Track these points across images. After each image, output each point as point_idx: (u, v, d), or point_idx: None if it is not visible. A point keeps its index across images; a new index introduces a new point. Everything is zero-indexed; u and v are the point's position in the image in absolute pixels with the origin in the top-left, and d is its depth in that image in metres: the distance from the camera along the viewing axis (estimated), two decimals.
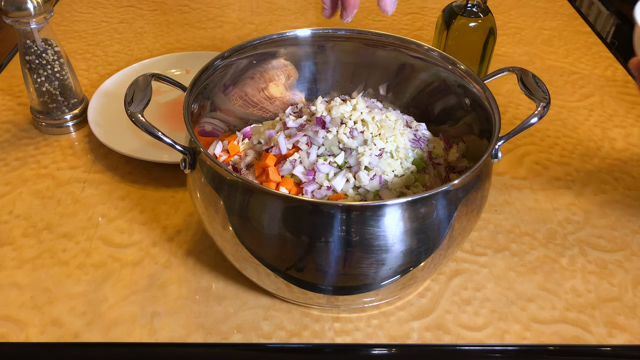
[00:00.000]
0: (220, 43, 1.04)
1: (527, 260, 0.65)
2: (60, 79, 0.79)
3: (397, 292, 0.57)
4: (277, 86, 0.72)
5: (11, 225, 0.67)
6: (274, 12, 1.15)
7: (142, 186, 0.73)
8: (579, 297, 0.62)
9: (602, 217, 0.71)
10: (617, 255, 0.67)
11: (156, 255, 0.64)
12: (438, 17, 0.86)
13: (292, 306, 0.60)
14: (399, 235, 0.48)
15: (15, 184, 0.73)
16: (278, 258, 0.52)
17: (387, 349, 0.57)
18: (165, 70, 0.92)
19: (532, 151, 0.81)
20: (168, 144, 0.52)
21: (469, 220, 0.54)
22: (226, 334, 0.57)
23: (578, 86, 0.95)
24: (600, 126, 0.87)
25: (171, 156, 0.73)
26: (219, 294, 0.60)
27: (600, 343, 0.57)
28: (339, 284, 0.53)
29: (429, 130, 0.67)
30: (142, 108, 0.53)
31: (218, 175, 0.51)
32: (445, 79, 0.65)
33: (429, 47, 0.65)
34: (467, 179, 0.50)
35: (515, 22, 1.13)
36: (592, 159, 0.80)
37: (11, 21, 0.72)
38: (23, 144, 0.79)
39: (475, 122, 0.62)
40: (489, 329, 0.58)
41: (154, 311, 0.59)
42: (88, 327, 0.57)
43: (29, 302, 0.59)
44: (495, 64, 0.97)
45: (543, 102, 0.56)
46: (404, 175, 0.59)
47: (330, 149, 0.58)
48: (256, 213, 0.49)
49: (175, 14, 1.13)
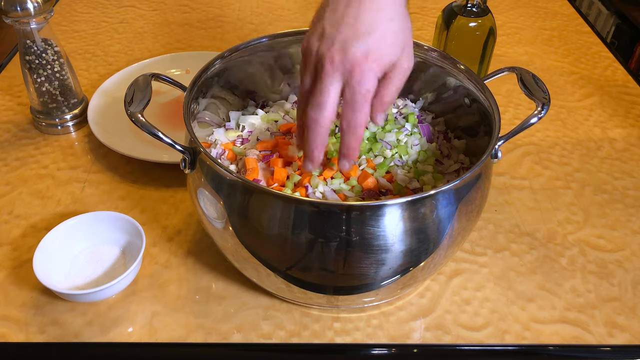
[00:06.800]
0: (220, 43, 1.04)
1: (527, 260, 0.65)
2: (60, 79, 0.79)
3: (397, 292, 0.57)
4: (278, 85, 0.72)
5: (11, 225, 0.67)
6: (274, 12, 1.15)
7: (142, 186, 0.73)
8: (579, 297, 0.62)
9: (602, 217, 0.71)
10: (617, 255, 0.67)
11: (156, 255, 0.64)
12: (438, 17, 0.86)
13: (292, 306, 0.60)
14: (398, 235, 0.48)
15: (15, 184, 0.73)
16: (278, 258, 0.52)
17: (387, 349, 0.57)
18: (165, 70, 0.92)
19: (532, 151, 0.81)
20: (168, 144, 0.52)
21: (469, 220, 0.54)
22: (226, 334, 0.57)
23: (578, 86, 0.95)
24: (600, 126, 0.87)
25: (171, 156, 0.73)
26: (219, 294, 0.60)
27: (600, 343, 0.57)
28: (339, 284, 0.53)
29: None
30: (142, 108, 0.53)
31: (218, 175, 0.51)
32: (445, 79, 0.65)
33: (429, 47, 0.65)
34: (467, 179, 0.50)
35: (515, 22, 1.13)
36: (592, 159, 0.80)
37: (11, 21, 0.72)
38: (23, 144, 0.79)
39: (475, 122, 0.62)
40: (488, 329, 0.58)
41: (154, 311, 0.59)
42: (88, 327, 0.57)
43: (29, 302, 0.59)
44: (495, 64, 0.97)
45: (543, 102, 0.56)
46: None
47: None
48: (256, 213, 0.49)
49: (175, 14, 1.13)
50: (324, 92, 0.49)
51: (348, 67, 0.48)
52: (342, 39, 0.48)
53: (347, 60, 0.48)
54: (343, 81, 0.49)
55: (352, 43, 0.48)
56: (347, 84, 0.49)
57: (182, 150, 0.53)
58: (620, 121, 0.88)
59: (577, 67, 1.00)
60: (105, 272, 0.60)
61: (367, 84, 0.49)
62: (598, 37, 1.09)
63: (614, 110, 0.90)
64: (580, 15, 1.16)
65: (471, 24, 0.82)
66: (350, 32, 0.48)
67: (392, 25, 0.49)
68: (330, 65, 0.48)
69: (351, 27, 0.48)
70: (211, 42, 1.04)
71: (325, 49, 0.49)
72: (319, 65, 0.49)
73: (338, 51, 0.48)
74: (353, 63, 0.48)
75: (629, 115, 0.89)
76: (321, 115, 0.50)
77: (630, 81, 0.97)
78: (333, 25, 0.49)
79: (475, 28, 0.82)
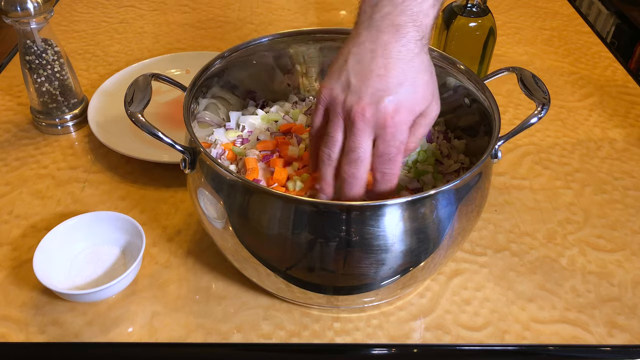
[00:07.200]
0: (220, 43, 1.04)
1: (527, 260, 0.65)
2: (60, 79, 0.79)
3: (397, 292, 0.57)
4: (278, 85, 0.72)
5: (11, 225, 0.67)
6: (274, 12, 1.15)
7: (142, 186, 0.73)
8: (579, 297, 0.62)
9: (602, 217, 0.71)
10: (617, 255, 0.66)
11: (156, 255, 0.64)
12: (438, 17, 0.86)
13: (292, 306, 0.60)
14: (398, 235, 0.48)
15: (15, 184, 0.73)
16: (278, 258, 0.52)
17: (387, 349, 0.57)
18: (165, 70, 0.92)
19: (532, 151, 0.81)
20: (168, 144, 0.52)
21: (469, 220, 0.54)
22: (226, 334, 0.57)
23: (578, 86, 0.95)
24: (600, 126, 0.87)
25: (171, 156, 0.73)
26: (219, 294, 0.60)
27: (600, 343, 0.57)
28: (339, 284, 0.53)
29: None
30: (142, 108, 0.53)
31: (218, 175, 0.51)
32: (445, 79, 0.65)
33: (428, 47, 0.65)
34: (467, 179, 0.50)
35: (515, 22, 1.13)
36: (592, 159, 0.80)
37: (11, 21, 0.72)
38: (23, 144, 0.79)
39: (475, 122, 0.62)
40: (488, 329, 0.58)
41: (154, 311, 0.59)
42: (88, 327, 0.57)
43: (29, 302, 0.59)
44: (495, 64, 0.97)
45: (543, 102, 0.56)
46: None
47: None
48: (256, 213, 0.49)
49: (175, 14, 1.13)
50: (358, 148, 0.49)
51: (381, 121, 0.48)
52: (371, 92, 0.47)
53: (379, 115, 0.47)
54: (375, 134, 0.49)
55: (383, 97, 0.47)
56: (380, 137, 0.49)
57: (182, 150, 0.53)
58: (620, 121, 0.88)
59: (577, 67, 1.00)
60: (105, 272, 0.60)
61: (401, 136, 0.48)
62: (598, 37, 1.09)
63: (614, 110, 0.90)
64: (580, 15, 1.16)
65: (471, 24, 0.82)
66: (380, 85, 0.47)
67: (423, 76, 0.49)
68: (362, 121, 0.48)
69: (380, 80, 0.47)
70: (211, 42, 1.04)
71: (354, 102, 0.48)
72: (348, 119, 0.48)
73: (369, 105, 0.47)
74: (385, 117, 0.47)
75: (629, 115, 0.89)
76: (358, 170, 0.49)
77: (630, 81, 0.97)
78: (360, 76, 0.48)
79: (475, 28, 0.82)
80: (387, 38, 0.47)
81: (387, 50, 0.47)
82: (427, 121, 0.51)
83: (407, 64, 0.48)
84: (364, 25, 0.48)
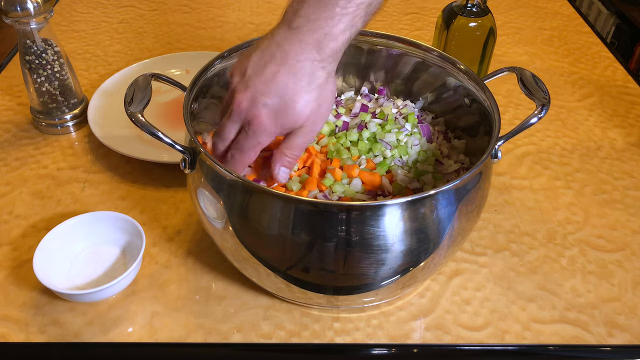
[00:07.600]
0: (220, 43, 1.04)
1: (527, 260, 0.65)
2: (60, 79, 0.79)
3: (397, 292, 0.57)
4: None
5: (11, 225, 0.67)
6: (274, 12, 1.15)
7: (142, 186, 0.73)
8: (579, 297, 0.62)
9: (602, 217, 0.71)
10: (617, 255, 0.67)
11: (156, 255, 0.64)
12: (438, 17, 0.86)
13: (292, 306, 0.60)
14: (398, 235, 0.48)
15: (15, 184, 0.73)
16: (278, 258, 0.52)
17: (387, 349, 0.57)
18: (165, 70, 0.92)
19: (532, 151, 0.81)
20: (168, 144, 0.52)
21: (469, 220, 0.54)
22: (226, 334, 0.57)
23: (578, 86, 0.95)
24: (600, 126, 0.87)
25: (171, 156, 0.73)
26: (219, 294, 0.60)
27: (600, 343, 0.57)
28: (339, 284, 0.53)
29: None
30: (142, 108, 0.53)
31: (218, 175, 0.51)
32: (445, 79, 0.65)
33: (429, 47, 0.65)
34: (467, 179, 0.50)
35: (515, 22, 1.13)
36: (592, 159, 0.80)
37: (11, 21, 0.72)
38: (23, 144, 0.79)
39: (475, 122, 0.62)
40: (488, 329, 0.58)
41: (154, 311, 0.59)
42: (88, 327, 0.57)
43: (29, 302, 0.59)
44: (495, 64, 0.97)
45: (543, 102, 0.56)
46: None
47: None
48: (256, 213, 0.49)
49: (175, 14, 1.13)
50: (225, 128, 0.53)
51: (249, 118, 0.51)
52: (255, 90, 0.50)
53: (250, 113, 0.50)
54: (242, 125, 0.52)
55: (260, 99, 0.50)
56: (243, 130, 0.52)
57: (182, 150, 0.53)
58: (620, 121, 0.88)
59: (577, 67, 1.00)
60: (105, 272, 0.60)
61: (259, 138, 0.51)
62: (598, 37, 1.09)
63: (614, 110, 0.90)
64: (580, 15, 1.16)
65: (471, 24, 0.82)
66: (264, 89, 0.50)
67: (306, 96, 0.50)
68: (237, 109, 0.51)
69: (266, 84, 0.49)
70: (211, 42, 1.04)
71: (240, 90, 0.51)
72: (231, 100, 0.52)
73: (247, 100, 0.50)
74: (254, 116, 0.50)
75: (629, 115, 0.89)
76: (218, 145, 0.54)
77: (630, 81, 0.97)
78: (254, 71, 0.50)
79: (475, 28, 0.82)
80: (289, 49, 0.49)
81: (284, 59, 0.49)
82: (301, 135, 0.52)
83: (295, 79, 0.49)
84: (283, 27, 0.50)
